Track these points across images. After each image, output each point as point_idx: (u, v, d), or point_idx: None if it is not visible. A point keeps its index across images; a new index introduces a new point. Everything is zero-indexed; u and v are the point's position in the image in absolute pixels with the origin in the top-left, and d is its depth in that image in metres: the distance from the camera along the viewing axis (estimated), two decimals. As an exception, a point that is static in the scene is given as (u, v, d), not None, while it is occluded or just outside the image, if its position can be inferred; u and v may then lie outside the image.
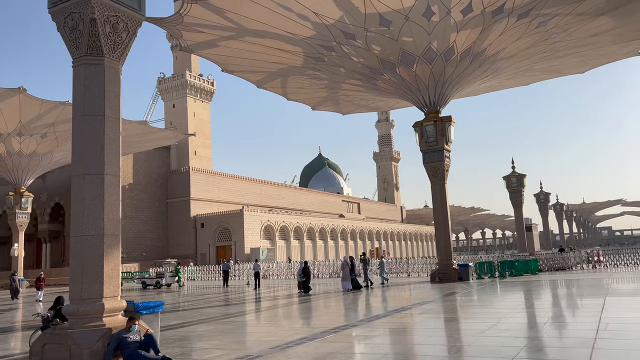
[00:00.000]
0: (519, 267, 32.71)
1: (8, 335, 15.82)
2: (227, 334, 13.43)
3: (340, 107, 44.91)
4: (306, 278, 27.51)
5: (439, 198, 31.71)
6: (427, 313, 16.18)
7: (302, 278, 27.53)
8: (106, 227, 10.39)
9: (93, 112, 10.68)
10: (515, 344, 9.98)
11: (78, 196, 10.42)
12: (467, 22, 26.93)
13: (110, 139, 10.79)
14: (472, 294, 22.68)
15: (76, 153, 10.64)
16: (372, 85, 33.41)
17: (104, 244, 10.32)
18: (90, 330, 9.74)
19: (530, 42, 29.79)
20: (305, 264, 28.40)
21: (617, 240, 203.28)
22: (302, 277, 27.58)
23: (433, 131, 31.66)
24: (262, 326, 15.40)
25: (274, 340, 11.64)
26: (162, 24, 28.68)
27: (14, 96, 40.70)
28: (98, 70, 10.81)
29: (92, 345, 9.48)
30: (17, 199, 50.54)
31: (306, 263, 28.89)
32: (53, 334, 9.97)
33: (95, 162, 10.50)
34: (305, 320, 16.47)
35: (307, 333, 12.51)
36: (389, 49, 29.14)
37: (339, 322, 15.14)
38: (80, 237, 10.26)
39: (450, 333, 12.21)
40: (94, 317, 10.02)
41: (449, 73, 30.46)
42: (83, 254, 10.21)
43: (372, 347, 10.94)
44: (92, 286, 10.15)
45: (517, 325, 12.68)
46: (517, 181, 56.41)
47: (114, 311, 10.34)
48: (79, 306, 10.02)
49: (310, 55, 30.72)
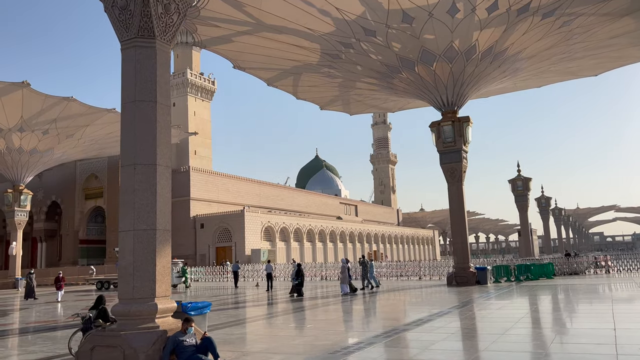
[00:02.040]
0: (534, 271, 32.18)
1: (39, 336, 15.00)
2: (271, 338, 12.74)
3: (350, 107, 44.30)
4: (300, 281, 26.59)
5: (456, 200, 31.15)
6: (484, 318, 15.54)
7: (296, 281, 26.55)
8: (158, 221, 9.67)
9: (145, 97, 9.94)
10: (603, 351, 9.36)
11: (128, 188, 9.68)
12: (492, 20, 26.42)
13: (162, 127, 10.06)
14: (504, 297, 22.09)
15: (126, 141, 9.89)
16: (387, 84, 32.82)
17: (156, 240, 9.59)
18: (144, 332, 9.01)
19: (552, 43, 29.35)
20: (299, 267, 27.61)
21: (609, 245, 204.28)
22: (296, 279, 26.60)
23: (451, 132, 31.11)
24: (303, 329, 14.62)
25: (328, 345, 10.95)
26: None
27: (17, 90, 39.78)
28: (149, 53, 10.09)
29: (147, 349, 8.75)
30: (16, 196, 49.46)
31: (299, 265, 28.13)
32: (103, 335, 9.22)
33: (148, 152, 9.78)
34: (347, 323, 15.73)
35: (362, 336, 11.81)
36: (409, 46, 28.57)
37: (390, 324, 14.44)
38: (130, 231, 9.52)
39: (522, 338, 11.57)
40: (146, 319, 9.29)
41: (468, 72, 29.93)
42: (134, 250, 9.47)
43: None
44: (144, 285, 9.43)
45: (590, 331, 12.07)
46: (522, 184, 56.08)
47: (166, 312, 9.62)
48: (130, 306, 9.29)
49: (328, 52, 30.09)
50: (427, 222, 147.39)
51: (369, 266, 30.96)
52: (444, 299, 22.62)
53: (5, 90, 39.33)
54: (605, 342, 10.18)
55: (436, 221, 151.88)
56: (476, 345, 10.94)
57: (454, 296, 23.05)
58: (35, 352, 11.79)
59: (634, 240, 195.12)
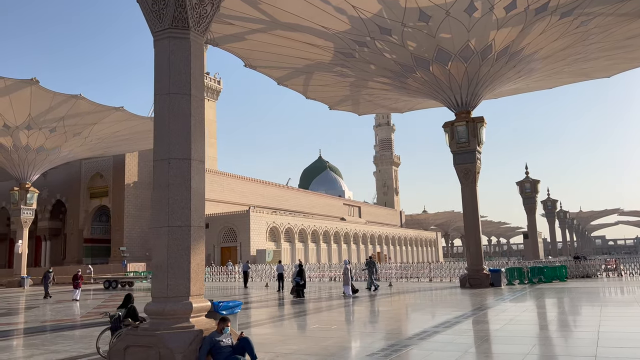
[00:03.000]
0: (547, 274, 31.88)
1: (58, 335, 14.70)
2: (298, 338, 12.44)
3: (359, 107, 44.01)
4: (302, 282, 26.12)
5: (470, 201, 30.84)
6: (513, 322, 15.23)
7: (301, 281, 26.04)
8: (193, 218, 9.38)
9: (179, 90, 9.66)
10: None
11: (162, 183, 9.39)
12: (509, 19, 26.13)
13: (197, 121, 9.78)
14: (523, 300, 21.78)
15: (160, 135, 9.61)
16: (401, 83, 32.53)
17: (190, 237, 9.30)
18: (180, 332, 8.71)
19: (568, 43, 29.06)
20: (300, 267, 27.22)
21: (611, 249, 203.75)
22: (300, 280, 26.10)
23: (465, 132, 30.83)
24: (329, 330, 14.29)
25: (362, 347, 10.65)
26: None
27: (26, 88, 39.51)
28: (184, 45, 9.81)
29: (184, 349, 8.46)
30: (22, 194, 49.23)
31: (301, 266, 27.77)
32: (137, 335, 8.92)
33: (182, 146, 9.49)
34: (374, 325, 15.41)
35: (395, 338, 11.50)
36: (424, 45, 28.29)
37: (420, 326, 14.14)
38: (164, 228, 9.23)
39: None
40: (180, 318, 9.00)
41: (483, 72, 29.65)
42: (168, 247, 9.17)
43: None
44: (179, 283, 9.13)
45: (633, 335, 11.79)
46: (531, 187, 55.79)
47: (201, 311, 9.34)
48: (165, 305, 8.99)
49: (341, 50, 29.81)
50: (430, 224, 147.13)
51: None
52: (463, 301, 22.29)
53: (14, 87, 39.04)
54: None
55: (439, 223, 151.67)
56: (521, 350, 10.63)
57: (472, 298, 22.74)
58: (59, 352, 11.49)
59: (637, 244, 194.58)
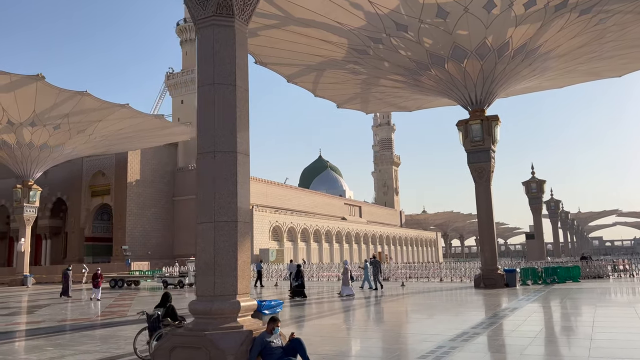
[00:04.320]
0: (561, 274, 31.56)
1: (82, 334, 14.27)
2: (336, 340, 12.03)
3: (367, 105, 43.69)
4: (301, 282, 25.63)
5: (484, 200, 30.50)
6: (551, 322, 14.88)
7: (296, 282, 25.55)
8: (239, 213, 8.99)
9: (224, 81, 9.26)
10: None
11: (208, 177, 9.01)
12: (528, 16, 25.84)
13: (242, 113, 9.39)
14: (546, 300, 21.46)
15: (205, 127, 9.20)
16: (414, 81, 32.18)
17: (237, 232, 8.91)
18: (230, 332, 8.33)
19: (585, 41, 28.78)
20: (299, 267, 26.79)
21: (609, 250, 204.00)
22: (296, 280, 25.59)
23: (479, 130, 30.50)
24: (366, 331, 13.89)
25: (409, 349, 10.28)
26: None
27: (31, 84, 39.00)
28: (228, 33, 9.41)
29: (235, 350, 8.09)
30: (25, 192, 48.64)
31: (299, 266, 27.35)
32: (184, 335, 8.52)
33: (228, 138, 9.10)
34: (407, 325, 15.03)
35: (437, 338, 11.13)
36: (441, 42, 27.96)
37: (457, 326, 13.75)
38: (210, 224, 8.84)
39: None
40: (228, 317, 8.62)
41: (499, 70, 29.34)
42: (215, 243, 8.78)
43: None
44: (226, 281, 8.74)
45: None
46: (537, 187, 55.54)
47: (248, 310, 8.96)
48: (212, 304, 8.60)
49: (355, 47, 29.45)
50: (429, 224, 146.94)
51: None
52: (486, 301, 21.94)
53: (19, 83, 38.54)
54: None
55: (438, 223, 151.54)
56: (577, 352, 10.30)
57: (494, 299, 22.43)
58: (90, 352, 11.09)
59: (634, 245, 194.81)
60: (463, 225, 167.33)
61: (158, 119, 51.09)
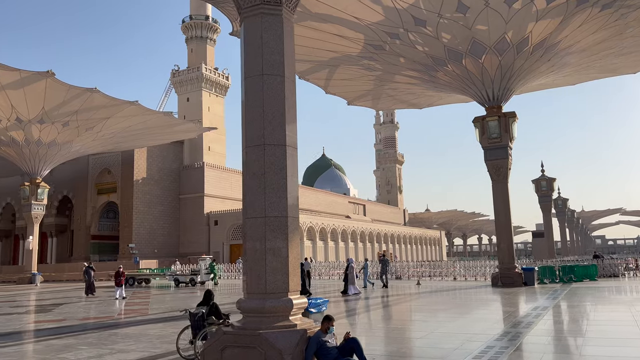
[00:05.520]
0: (578, 273, 31.23)
1: (112, 333, 13.96)
2: (380, 339, 11.72)
3: (379, 102, 43.44)
4: (305, 281, 25.22)
5: (501, 198, 30.16)
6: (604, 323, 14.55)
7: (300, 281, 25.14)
8: (289, 208, 8.68)
9: (272, 71, 8.92)
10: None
11: (257, 171, 8.69)
12: (549, 10, 25.48)
13: (290, 105, 9.06)
14: (573, 299, 21.15)
15: (252, 119, 8.87)
16: (429, 77, 31.84)
17: (288, 228, 8.60)
18: (285, 331, 8.01)
19: (604, 37, 28.45)
20: (301, 266, 26.35)
21: (612, 249, 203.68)
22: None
23: (496, 127, 30.16)
24: (405, 331, 13.59)
25: (460, 349, 9.97)
26: (219, 4, 27.07)
27: (41, 80, 38.67)
28: (276, 22, 9.08)
29: (292, 350, 7.76)
30: (32, 189, 48.31)
31: (301, 265, 26.92)
32: (236, 335, 8.18)
33: (277, 131, 8.77)
34: (451, 323, 14.66)
35: (484, 340, 10.81)
36: (459, 37, 27.62)
37: (497, 326, 13.41)
38: (261, 218, 8.53)
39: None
40: (280, 316, 8.30)
41: (517, 66, 28.99)
42: (266, 239, 8.47)
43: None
44: (277, 278, 8.43)
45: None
46: (547, 185, 55.16)
47: (300, 309, 8.65)
48: (264, 302, 8.28)
49: (371, 42, 29.11)
50: (433, 223, 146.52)
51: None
52: (512, 299, 21.61)
53: (29, 80, 38.20)
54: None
55: (441, 222, 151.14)
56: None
57: (518, 297, 22.15)
58: (127, 352, 10.78)
59: (638, 244, 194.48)
60: (466, 224, 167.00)
61: (167, 116, 50.80)
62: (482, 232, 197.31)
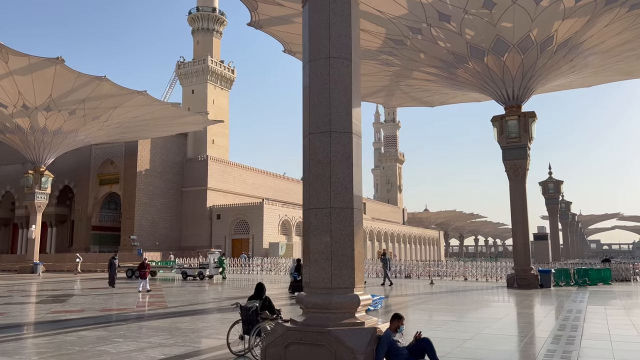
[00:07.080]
0: (592, 276, 30.91)
1: (142, 325, 13.47)
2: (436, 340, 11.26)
3: (392, 99, 42.96)
4: (300, 278, 24.81)
5: (519, 198, 29.77)
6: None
7: (297, 277, 24.66)
8: (355, 199, 8.22)
9: (339, 54, 8.46)
10: None
11: (322, 159, 8.22)
12: (577, 9, 25.07)
13: (357, 91, 8.61)
14: (598, 302, 20.78)
15: (317, 105, 8.40)
16: (449, 74, 31.39)
17: (353, 220, 8.14)
18: (356, 329, 7.56)
19: (629, 37, 28.08)
20: (299, 262, 25.97)
21: (607, 254, 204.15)
22: (298, 276, 24.69)
23: (515, 127, 29.77)
24: (449, 330, 13.12)
25: (515, 351, 9.55)
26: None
27: (50, 67, 38.01)
28: (344, 4, 8.61)
29: (365, 349, 7.32)
30: (36, 178, 47.63)
31: (299, 260, 26.49)
32: (302, 331, 7.72)
33: (343, 118, 8.33)
34: (481, 324, 14.24)
35: (532, 343, 10.40)
36: (483, 34, 27.17)
37: (544, 328, 13.02)
38: (327, 209, 8.09)
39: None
40: (347, 313, 7.86)
41: (539, 65, 28.58)
42: (332, 231, 8.01)
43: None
44: (343, 272, 7.99)
45: None
46: (554, 187, 54.87)
47: (365, 305, 8.21)
48: (330, 297, 7.84)
49: (392, 37, 28.62)
50: (431, 223, 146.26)
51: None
52: (537, 301, 21.23)
53: (38, 66, 37.54)
54: None
55: (440, 222, 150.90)
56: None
57: (543, 299, 21.81)
58: (167, 346, 10.31)
59: (634, 249, 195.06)
60: (463, 225, 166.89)
61: (175, 107, 50.16)
62: (479, 233, 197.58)
